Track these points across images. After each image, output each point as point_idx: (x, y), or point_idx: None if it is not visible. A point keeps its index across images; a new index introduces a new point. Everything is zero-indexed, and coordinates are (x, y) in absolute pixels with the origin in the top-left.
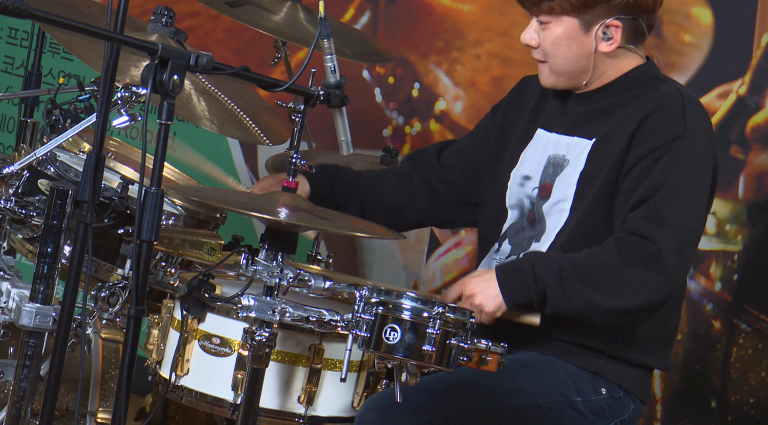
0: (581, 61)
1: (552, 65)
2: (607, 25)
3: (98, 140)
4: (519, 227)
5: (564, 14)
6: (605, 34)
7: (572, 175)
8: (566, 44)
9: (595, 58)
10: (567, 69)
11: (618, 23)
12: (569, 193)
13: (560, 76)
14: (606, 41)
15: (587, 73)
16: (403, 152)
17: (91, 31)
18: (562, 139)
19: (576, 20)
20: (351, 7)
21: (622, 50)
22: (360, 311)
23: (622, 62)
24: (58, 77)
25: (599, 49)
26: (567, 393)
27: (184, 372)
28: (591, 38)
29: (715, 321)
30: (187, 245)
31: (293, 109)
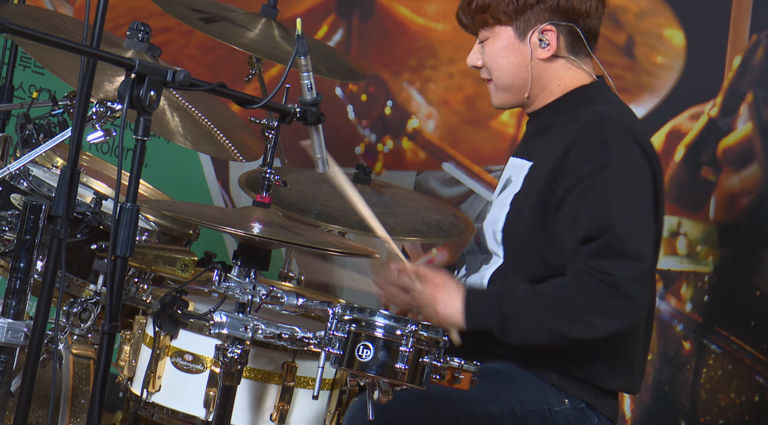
0: (521, 71)
1: (496, 80)
2: (542, 30)
3: (73, 155)
4: (471, 250)
5: (498, 24)
6: (541, 40)
7: (508, 197)
8: (505, 55)
9: (533, 65)
10: (509, 82)
11: (552, 28)
12: (502, 215)
13: (505, 92)
14: (543, 48)
15: (528, 84)
16: (376, 170)
17: (69, 46)
18: (516, 161)
19: (511, 29)
20: (324, 24)
21: (565, 61)
22: (333, 328)
23: (565, 78)
24: (29, 91)
25: (536, 56)
26: (539, 401)
27: (156, 388)
28: (527, 45)
29: (686, 341)
30: (160, 261)
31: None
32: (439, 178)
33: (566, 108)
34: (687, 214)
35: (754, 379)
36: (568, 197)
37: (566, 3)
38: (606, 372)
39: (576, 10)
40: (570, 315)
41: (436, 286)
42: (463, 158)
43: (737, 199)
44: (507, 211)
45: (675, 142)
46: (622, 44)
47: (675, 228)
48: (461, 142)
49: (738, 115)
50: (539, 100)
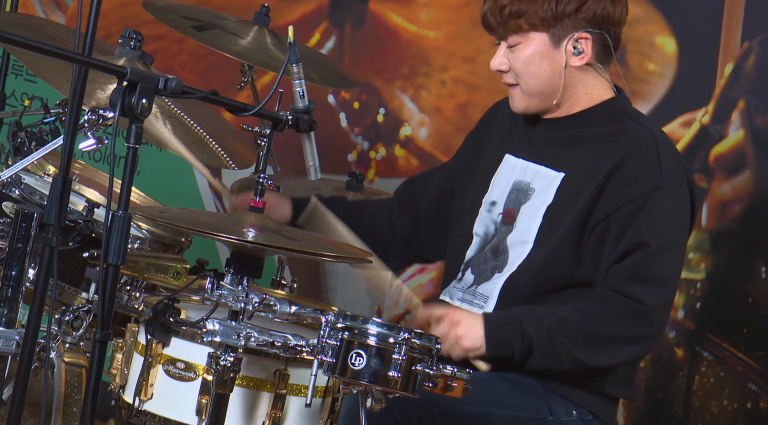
0: (554, 78)
1: (524, 86)
2: (576, 38)
3: (65, 163)
4: (482, 258)
5: (533, 30)
6: (576, 48)
7: (539, 208)
8: (538, 61)
9: (566, 73)
10: (540, 88)
11: (588, 36)
12: (534, 226)
13: (533, 98)
14: (577, 55)
15: (558, 91)
16: (368, 177)
17: (61, 54)
18: (529, 165)
19: (546, 35)
20: (317, 32)
21: (593, 71)
22: (326, 336)
23: (594, 87)
24: (21, 99)
25: (571, 64)
26: (542, 411)
27: (148, 396)
28: (562, 53)
29: (678, 349)
30: (153, 269)
31: (259, 133)
32: None
33: (601, 120)
34: None
35: (747, 386)
36: (617, 215)
37: (603, 11)
38: (615, 381)
39: (610, 19)
40: (594, 343)
41: (454, 324)
42: None
43: (729, 207)
44: (539, 223)
45: None
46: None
47: None
48: (454, 150)
49: (730, 123)
50: (565, 107)
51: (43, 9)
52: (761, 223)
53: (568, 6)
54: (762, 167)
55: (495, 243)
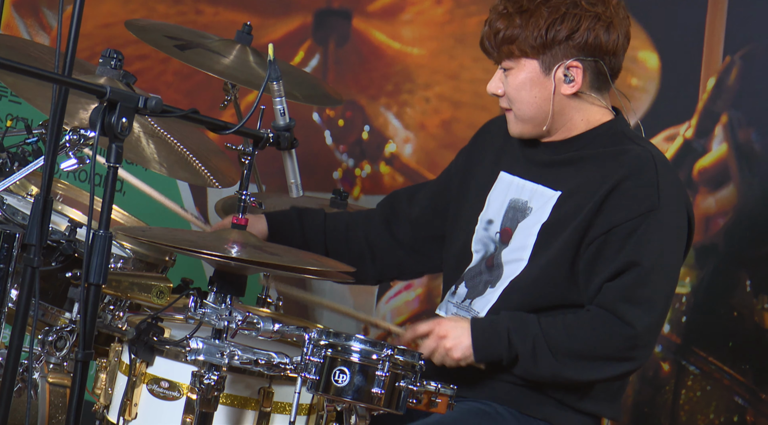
0: (544, 105)
1: (517, 112)
2: (567, 66)
3: (46, 183)
4: (477, 271)
5: (524, 57)
6: (566, 76)
7: (534, 225)
8: (528, 88)
9: (557, 100)
10: (531, 114)
11: (578, 64)
12: (529, 243)
13: (526, 123)
14: (568, 83)
15: (553, 119)
16: (353, 194)
17: (39, 74)
18: (526, 184)
19: (536, 62)
20: (301, 50)
21: (588, 98)
22: (309, 353)
23: (590, 112)
24: (5, 120)
25: (561, 91)
26: None
27: (132, 416)
28: (551, 80)
29: (664, 363)
30: (136, 288)
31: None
32: None
33: (600, 142)
34: None
35: (733, 399)
36: (613, 233)
37: (594, 41)
38: (599, 400)
39: (603, 48)
40: (577, 360)
41: (441, 338)
42: None
43: (713, 220)
44: (534, 240)
45: None
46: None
47: None
48: (439, 166)
49: (713, 136)
50: (561, 132)
51: (28, 30)
52: (745, 237)
53: (558, 34)
54: (745, 180)
55: (490, 258)
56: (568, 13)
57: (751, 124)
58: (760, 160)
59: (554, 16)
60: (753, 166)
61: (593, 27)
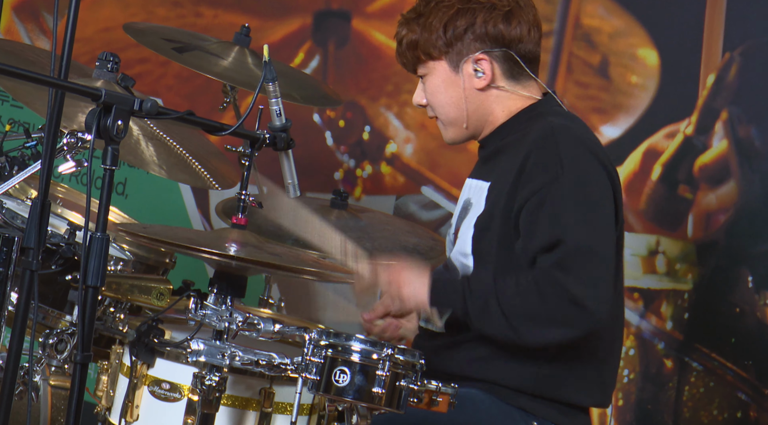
0: (462, 103)
1: (441, 117)
2: (474, 59)
3: (43, 186)
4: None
5: (431, 60)
6: (476, 70)
7: (472, 218)
8: (443, 90)
9: (471, 96)
10: (453, 116)
11: (484, 57)
12: (468, 237)
13: (452, 126)
14: (478, 77)
15: (475, 116)
16: (355, 195)
17: (34, 77)
18: (471, 182)
19: (444, 62)
20: (300, 51)
21: (504, 89)
22: (309, 354)
23: (509, 102)
24: (5, 124)
25: (473, 86)
26: None
27: (134, 418)
28: (464, 77)
29: (667, 360)
30: (136, 290)
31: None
32: (418, 201)
33: (517, 127)
34: (665, 233)
35: (736, 396)
36: (524, 208)
37: (494, 29)
38: (575, 388)
39: (506, 36)
40: (524, 319)
41: (399, 270)
42: (441, 181)
43: (714, 217)
44: (472, 233)
45: (651, 161)
46: (597, 64)
47: (654, 247)
48: (440, 166)
49: (713, 133)
50: (486, 127)
51: (28, 34)
52: (746, 233)
53: (457, 29)
54: (746, 177)
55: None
56: (462, 9)
57: (752, 120)
58: (760, 157)
59: (449, 13)
60: (753, 162)
61: (489, 18)
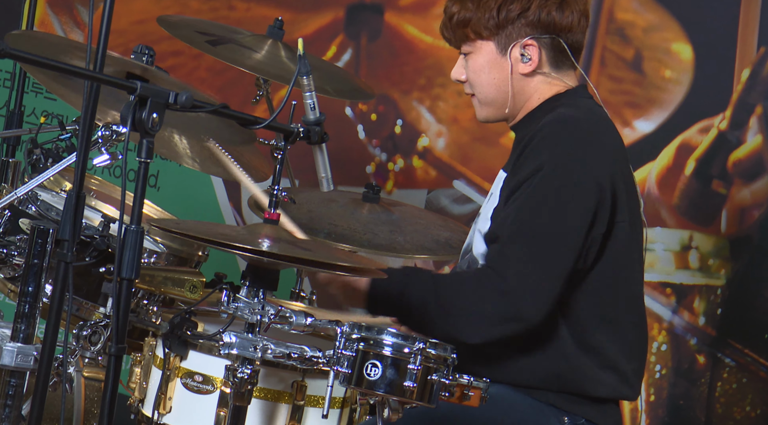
0: (504, 86)
1: (479, 96)
2: (523, 45)
3: (78, 179)
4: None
5: (479, 39)
6: (523, 55)
7: (489, 211)
8: (487, 70)
9: (514, 80)
10: (492, 97)
11: (533, 43)
12: (485, 229)
13: (488, 106)
14: (524, 62)
15: (514, 100)
16: (387, 189)
17: (70, 70)
18: (500, 174)
19: (492, 43)
20: (333, 44)
21: (546, 77)
22: (341, 347)
23: (546, 91)
24: (39, 117)
25: (518, 71)
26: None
27: (167, 410)
28: (508, 60)
29: (699, 355)
30: (169, 283)
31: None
32: (450, 195)
33: (538, 118)
34: (698, 228)
35: None
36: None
37: (547, 17)
38: (599, 381)
39: (558, 24)
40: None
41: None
42: (473, 175)
43: (748, 212)
44: (489, 225)
45: (685, 156)
46: (631, 59)
47: (687, 242)
48: (471, 160)
49: (748, 128)
50: (521, 113)
51: (62, 27)
52: None
53: (510, 13)
54: None
55: (467, 250)
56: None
57: None
58: None
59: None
60: None
61: (544, 5)
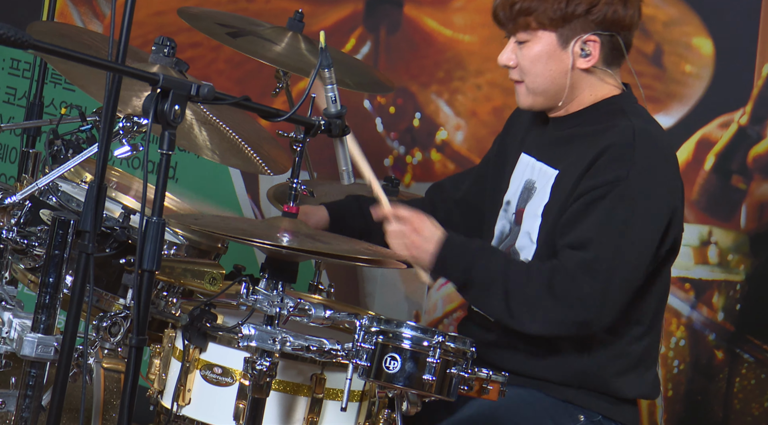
0: (559, 78)
1: (530, 84)
2: (585, 40)
3: (100, 170)
4: None
5: (541, 29)
6: (583, 50)
7: (539, 206)
8: (544, 61)
9: (572, 75)
10: (545, 87)
11: (596, 38)
12: (535, 226)
13: (537, 96)
14: (584, 57)
15: (564, 91)
16: (405, 182)
17: (93, 61)
18: (536, 164)
19: (554, 35)
20: (352, 37)
21: (599, 73)
22: (360, 340)
23: (598, 88)
24: (60, 108)
25: (577, 66)
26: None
27: (186, 401)
28: (569, 54)
29: (718, 351)
30: (189, 275)
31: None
32: None
33: (596, 118)
34: (718, 223)
35: None
36: (582, 199)
37: (613, 14)
38: (621, 379)
39: (620, 22)
40: (524, 305)
41: (414, 230)
42: None
43: None
44: (539, 222)
45: (705, 151)
46: (651, 53)
47: (706, 237)
48: None
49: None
50: (570, 107)
51: (81, 18)
52: None
53: (578, 7)
54: None
55: (509, 243)
56: None
57: None
58: None
59: None
60: None
61: (611, 2)
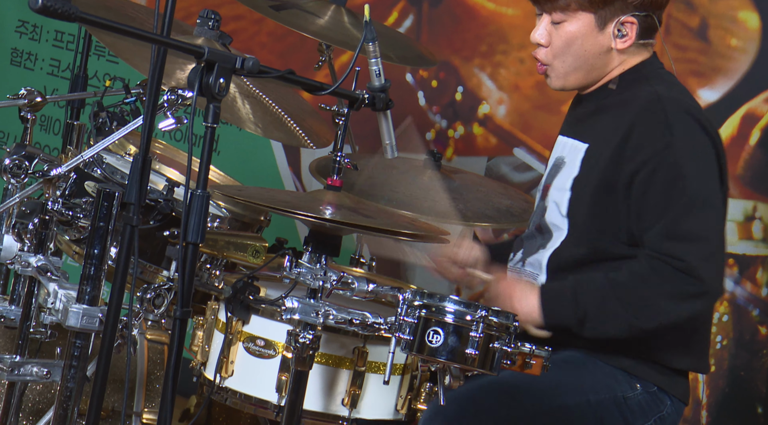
0: (592, 58)
1: (561, 64)
2: (622, 22)
3: (145, 143)
4: (530, 235)
5: (581, 10)
6: (620, 31)
7: (567, 180)
8: (581, 42)
9: (609, 56)
10: (577, 66)
11: (633, 20)
12: (564, 199)
13: (569, 76)
14: (620, 38)
15: (597, 70)
16: (447, 156)
17: (138, 34)
18: (566, 141)
19: (592, 16)
20: (395, 10)
21: (631, 50)
22: (403, 314)
23: (628, 62)
24: (103, 80)
25: (614, 47)
26: (612, 388)
27: (229, 373)
28: (606, 35)
29: (761, 326)
30: (232, 247)
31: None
32: (510, 163)
33: (621, 88)
34: (762, 198)
35: None
36: (636, 180)
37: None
38: (677, 352)
39: (656, 2)
40: (646, 304)
41: (510, 284)
42: (534, 143)
43: None
44: (569, 195)
45: (750, 126)
46: (696, 27)
47: (750, 213)
48: (532, 128)
49: None
50: (600, 82)
51: None
52: None
53: None
54: None
55: (537, 221)
56: None
57: None
58: None
59: None
60: None
61: None
